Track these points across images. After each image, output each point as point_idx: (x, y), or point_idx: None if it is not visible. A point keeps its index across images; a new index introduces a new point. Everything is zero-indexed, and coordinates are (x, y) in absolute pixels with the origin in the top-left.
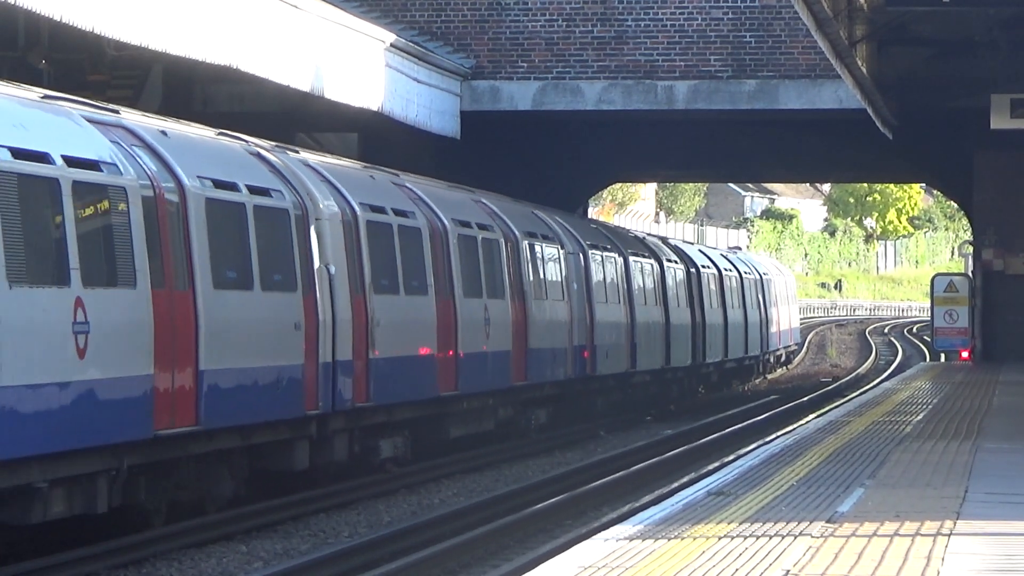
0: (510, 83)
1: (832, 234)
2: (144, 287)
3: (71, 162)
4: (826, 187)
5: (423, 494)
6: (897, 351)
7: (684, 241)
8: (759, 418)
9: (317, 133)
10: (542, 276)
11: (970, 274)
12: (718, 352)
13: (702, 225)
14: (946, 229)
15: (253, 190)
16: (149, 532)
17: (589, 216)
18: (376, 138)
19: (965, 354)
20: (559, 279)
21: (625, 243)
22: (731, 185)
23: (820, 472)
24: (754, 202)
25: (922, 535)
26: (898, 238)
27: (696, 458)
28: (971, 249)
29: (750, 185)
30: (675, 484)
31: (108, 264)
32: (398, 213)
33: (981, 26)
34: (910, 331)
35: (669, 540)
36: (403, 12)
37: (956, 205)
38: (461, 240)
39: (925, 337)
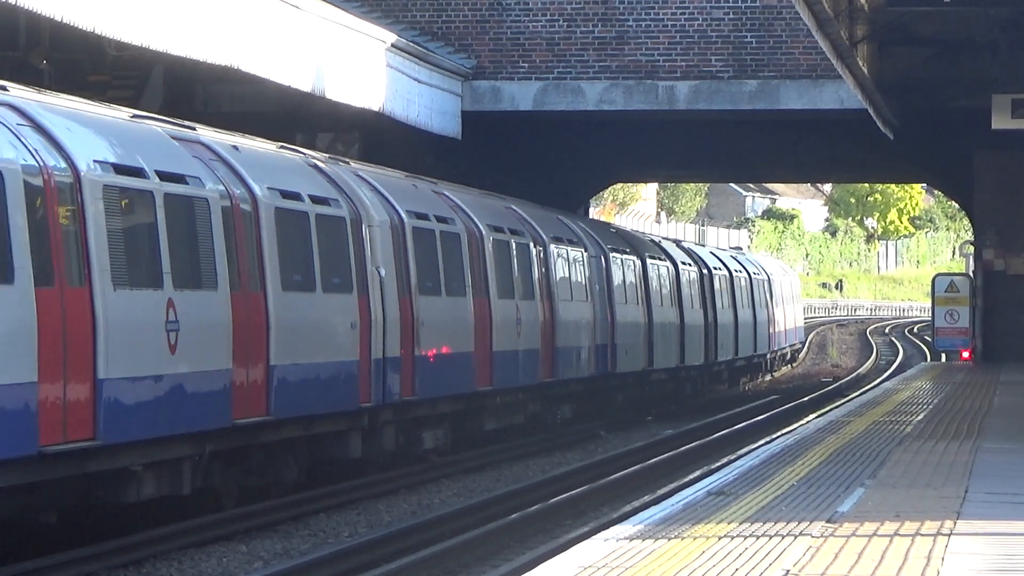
0: (511, 83)
1: (833, 234)
2: (224, 289)
3: (163, 176)
4: (827, 187)
5: (423, 494)
6: (898, 351)
7: (697, 243)
8: (760, 418)
9: (318, 133)
10: (568, 278)
11: (971, 274)
12: (729, 351)
13: (703, 225)
14: (947, 229)
15: (315, 199)
16: (149, 532)
17: (590, 216)
18: (377, 138)
19: (966, 354)
20: (583, 281)
21: (643, 246)
22: (732, 185)
23: (820, 472)
24: (755, 202)
25: (922, 535)
26: (899, 238)
27: (696, 458)
28: (972, 249)
29: (751, 185)
30: (675, 484)
31: (194, 268)
32: (439, 220)
33: (981, 26)
34: (911, 331)
35: (669, 540)
36: (404, 12)
37: (957, 205)
38: (496, 245)
39: (926, 337)
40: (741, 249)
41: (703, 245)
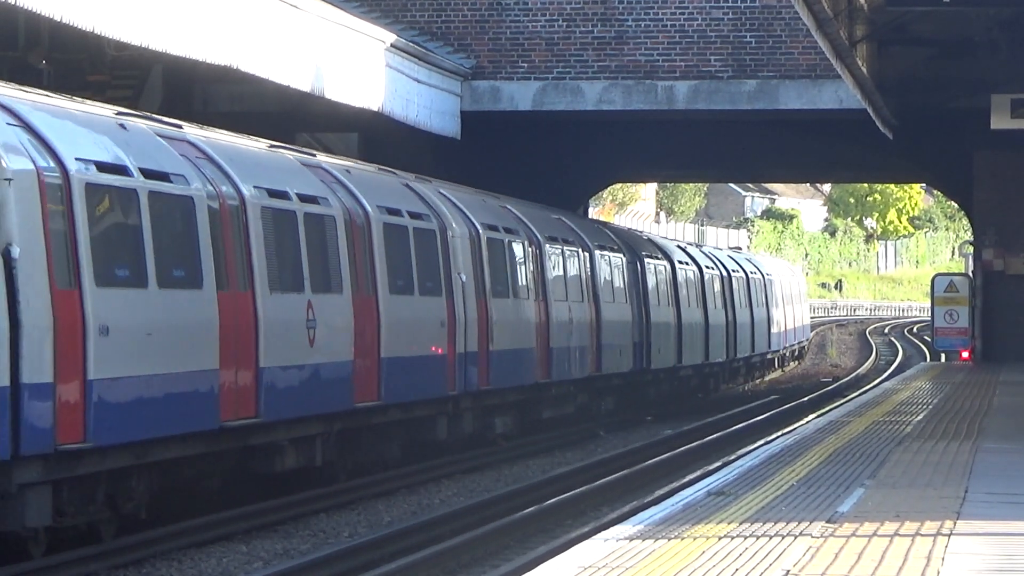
0: (510, 83)
1: (832, 234)
2: (348, 293)
3: (303, 198)
4: (826, 187)
5: (423, 494)
6: (897, 351)
7: (715, 247)
8: (759, 418)
9: (318, 133)
10: (610, 282)
11: (970, 274)
12: (747, 348)
13: (702, 225)
14: (946, 229)
15: (412, 215)
16: (149, 532)
17: (590, 216)
18: (376, 138)
19: (965, 354)
20: (622, 285)
21: (672, 252)
22: (731, 185)
23: (820, 472)
24: (754, 202)
25: (922, 535)
26: (898, 238)
27: (696, 458)
28: (971, 249)
29: (750, 185)
30: (675, 484)
31: (324, 275)
32: (507, 231)
33: (981, 26)
34: (910, 331)
35: (669, 540)
36: (403, 12)
37: (956, 205)
38: (552, 253)
39: (925, 337)
40: (740, 249)
41: (720, 248)
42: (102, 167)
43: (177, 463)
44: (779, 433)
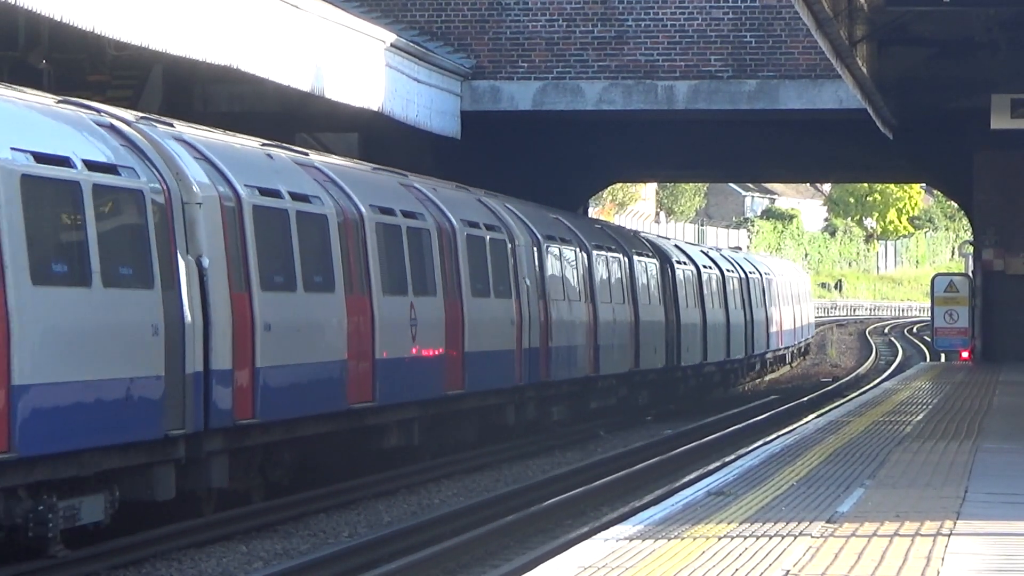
0: (510, 83)
1: (832, 234)
2: (440, 296)
3: (406, 214)
4: (826, 187)
5: (423, 494)
6: (897, 351)
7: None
8: (759, 418)
9: (318, 133)
10: (647, 286)
11: (970, 274)
12: (762, 346)
13: (702, 225)
14: (946, 229)
15: (488, 227)
16: (149, 532)
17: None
18: (376, 138)
19: (965, 354)
20: (656, 289)
21: (696, 256)
22: (731, 185)
23: (820, 472)
24: (754, 202)
25: (922, 535)
26: (898, 238)
27: (696, 458)
28: (971, 249)
29: (750, 185)
30: (675, 484)
31: (421, 280)
32: (562, 241)
33: (981, 26)
34: (910, 331)
35: (669, 540)
36: (403, 12)
37: (956, 205)
38: (601, 260)
39: (925, 337)
40: (740, 249)
41: (737, 248)
42: (264, 192)
43: (311, 439)
44: (779, 433)
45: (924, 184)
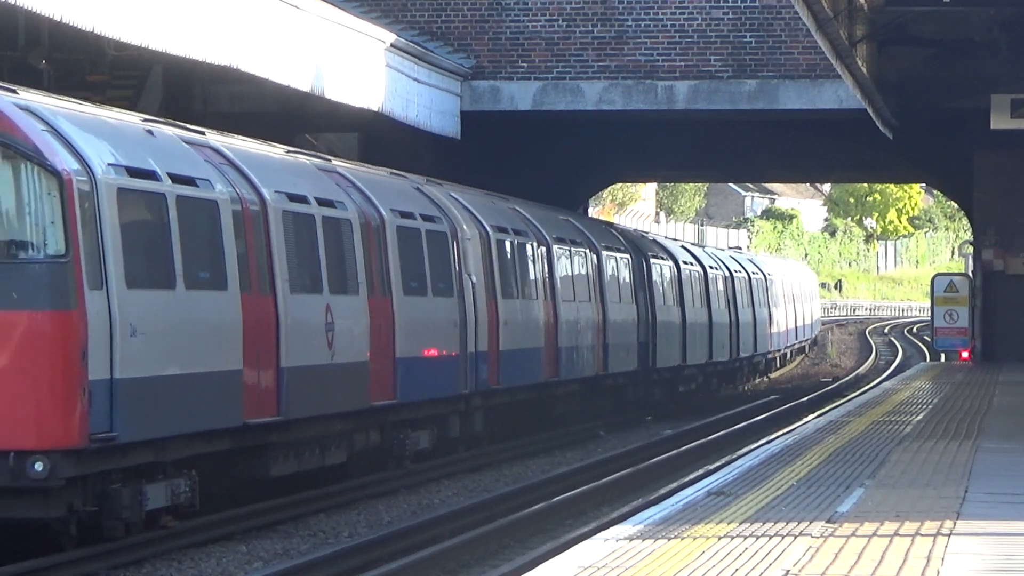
0: (510, 83)
1: (832, 234)
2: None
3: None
4: (826, 187)
5: (423, 494)
6: (897, 351)
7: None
8: (759, 418)
9: (318, 133)
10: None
11: (970, 274)
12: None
13: (702, 225)
14: (946, 229)
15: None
16: (149, 532)
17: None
18: (376, 138)
19: (965, 354)
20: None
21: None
22: (731, 185)
23: (820, 472)
24: (754, 202)
25: (922, 535)
26: (898, 238)
27: (696, 458)
28: (971, 249)
29: (750, 185)
30: (675, 484)
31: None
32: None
33: (981, 26)
34: (910, 331)
35: (669, 540)
36: (403, 12)
37: (956, 205)
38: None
39: (925, 337)
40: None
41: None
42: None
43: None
44: (779, 433)
45: (924, 184)
